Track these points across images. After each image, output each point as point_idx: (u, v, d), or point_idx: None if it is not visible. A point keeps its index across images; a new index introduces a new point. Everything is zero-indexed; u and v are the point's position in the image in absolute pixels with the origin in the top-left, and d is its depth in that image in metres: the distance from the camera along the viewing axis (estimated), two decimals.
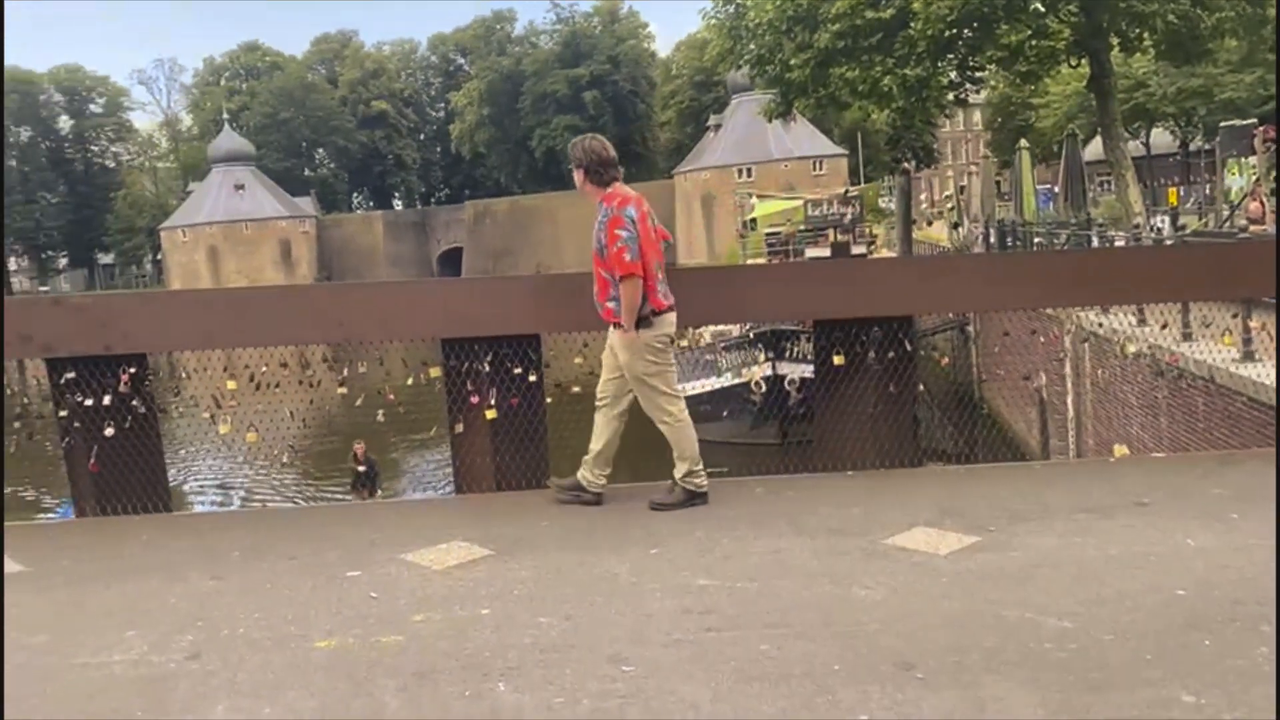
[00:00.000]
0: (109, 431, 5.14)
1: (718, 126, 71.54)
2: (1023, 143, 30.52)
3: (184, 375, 5.35)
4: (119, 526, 5.08)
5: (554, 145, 78.63)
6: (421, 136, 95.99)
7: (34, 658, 3.33)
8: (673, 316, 4.94)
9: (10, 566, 4.38)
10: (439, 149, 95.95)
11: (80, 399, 5.12)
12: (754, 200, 38.38)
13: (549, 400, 5.44)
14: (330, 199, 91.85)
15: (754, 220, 34.19)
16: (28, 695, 3.03)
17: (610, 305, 4.83)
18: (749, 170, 66.46)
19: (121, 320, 5.16)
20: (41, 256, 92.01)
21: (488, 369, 5.26)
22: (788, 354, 18.64)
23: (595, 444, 5.00)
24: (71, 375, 5.13)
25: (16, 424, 5.48)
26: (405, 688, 2.97)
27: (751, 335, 19.52)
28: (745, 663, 3.02)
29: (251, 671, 3.15)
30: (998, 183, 41.71)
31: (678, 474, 4.92)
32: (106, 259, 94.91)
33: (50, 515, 14.98)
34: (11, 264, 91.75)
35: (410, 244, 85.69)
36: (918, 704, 2.73)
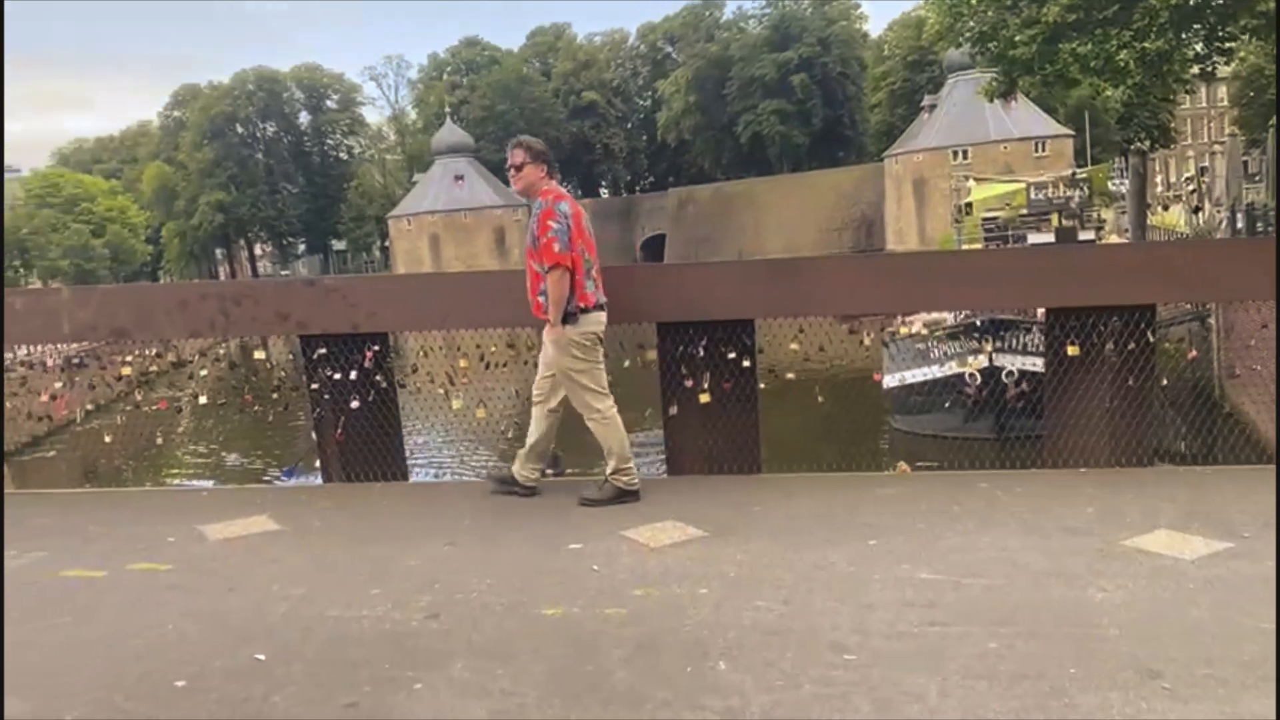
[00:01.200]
0: (354, 404, 5.55)
1: (932, 107, 68.96)
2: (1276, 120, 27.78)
3: (422, 353, 5.71)
4: (361, 492, 5.48)
5: (760, 130, 78.14)
6: (628, 125, 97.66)
7: (295, 608, 3.65)
8: (601, 315, 4.93)
9: (268, 524, 4.81)
10: (645, 137, 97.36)
11: (330, 373, 5.55)
12: (970, 184, 36.75)
13: (761, 386, 5.44)
14: None
15: (969, 205, 32.77)
16: (291, 642, 3.32)
17: (540, 299, 4.84)
18: (965, 152, 63.67)
19: (367, 301, 5.54)
20: (283, 243, 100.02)
21: (702, 353, 5.32)
22: (1007, 345, 17.78)
23: (529, 439, 5.03)
24: (322, 351, 5.57)
25: (274, 394, 6.00)
26: (629, 659, 3.06)
27: (970, 324, 18.74)
28: (973, 660, 2.93)
29: (486, 633, 3.33)
30: (1245, 163, 38.20)
31: (608, 470, 4.90)
32: (339, 245, 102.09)
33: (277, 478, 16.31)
34: (257, 250, 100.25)
35: (615, 231, 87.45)
36: (1165, 715, 2.57)
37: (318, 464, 5.98)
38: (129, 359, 6.07)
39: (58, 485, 8.05)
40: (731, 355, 5.28)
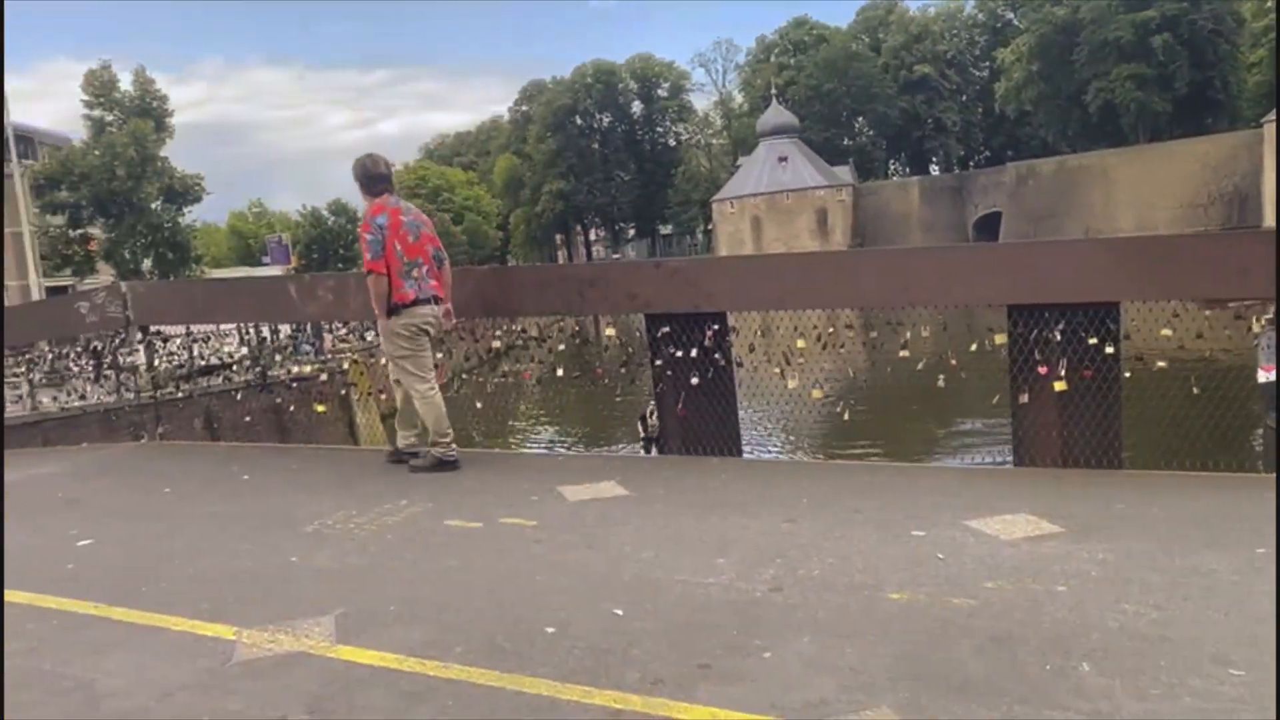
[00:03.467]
0: (694, 380, 5.76)
1: None
2: None
3: (759, 333, 5.82)
4: (700, 465, 5.69)
5: (1112, 98, 71.63)
6: (963, 98, 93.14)
7: (646, 569, 3.87)
8: (424, 309, 5.80)
9: (617, 490, 5.12)
10: (980, 110, 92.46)
11: (672, 351, 5.79)
12: None
13: (1126, 375, 5.03)
14: (866, 167, 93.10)
15: None
16: (645, 600, 3.52)
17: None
18: None
19: (708, 282, 5.73)
20: (615, 228, 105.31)
21: (1059, 338, 5.01)
22: None
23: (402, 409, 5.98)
24: (666, 330, 5.82)
25: (623, 369, 6.37)
26: (982, 650, 2.97)
27: None
28: None
29: (830, 611, 3.35)
30: None
31: (429, 442, 5.86)
32: (665, 230, 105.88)
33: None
34: (591, 235, 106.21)
35: (945, 209, 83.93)
36: None
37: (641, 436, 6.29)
38: (498, 333, 6.68)
39: None
40: (1093, 341, 4.92)
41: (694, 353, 5.74)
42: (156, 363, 8.06)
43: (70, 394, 9.66)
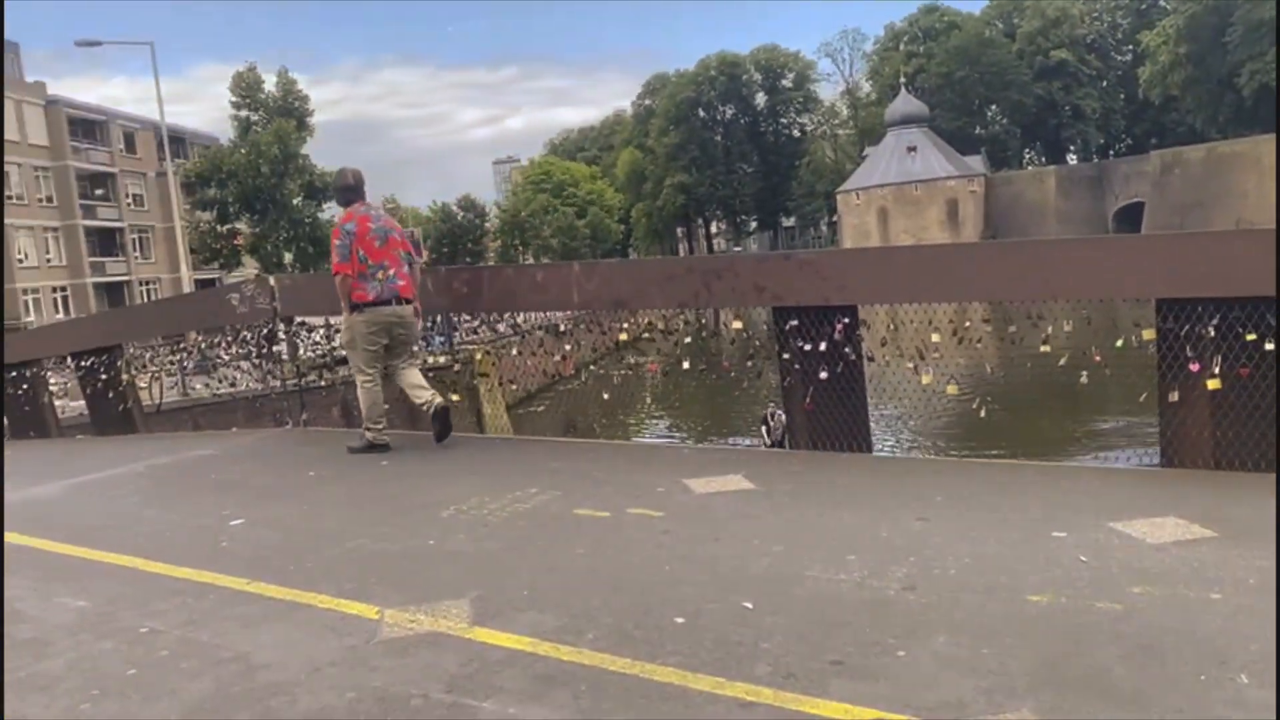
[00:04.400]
0: (823, 375, 5.69)
1: None
2: None
3: (891, 326, 5.71)
4: (828, 461, 5.63)
5: (1268, 81, 67.49)
6: (1103, 84, 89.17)
7: (775, 563, 3.85)
8: (385, 309, 6.53)
9: (743, 483, 5.10)
10: (1122, 96, 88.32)
11: (801, 344, 5.74)
12: None
13: None
14: (999, 156, 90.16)
15: None
16: (774, 595, 3.51)
17: None
18: None
19: (839, 274, 5.65)
20: (736, 220, 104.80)
21: (1212, 333, 4.75)
22: None
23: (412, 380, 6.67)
24: (794, 323, 5.77)
25: (750, 362, 6.35)
26: (1130, 657, 2.85)
27: None
28: None
29: (967, 611, 3.27)
30: None
31: (363, 429, 6.70)
32: (788, 222, 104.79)
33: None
34: (712, 227, 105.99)
35: (1083, 200, 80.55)
36: None
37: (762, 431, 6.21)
38: (625, 325, 6.74)
39: (545, 436, 9.14)
40: (1250, 337, 4.66)
41: (823, 346, 5.67)
42: (301, 352, 8.43)
43: (221, 381, 10.19)
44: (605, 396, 6.91)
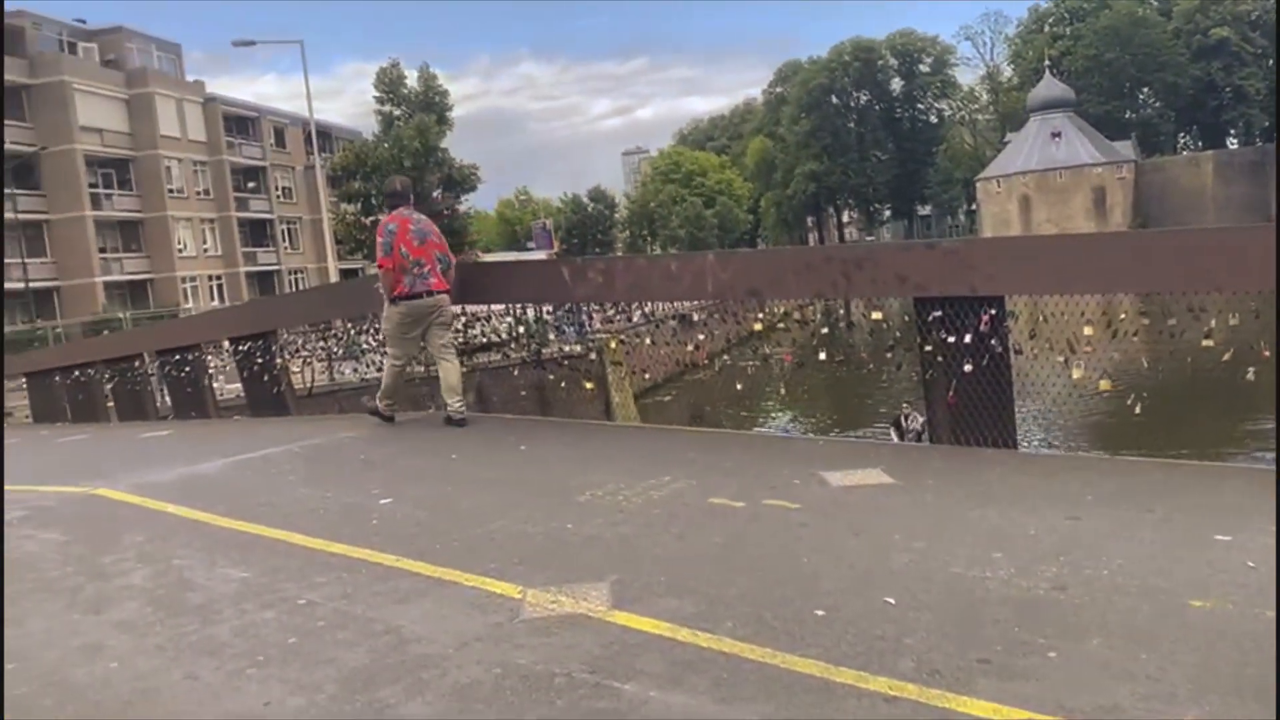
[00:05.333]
0: (967, 368, 5.53)
1: None
2: None
3: (1041, 319, 5.50)
4: (971, 456, 5.48)
5: None
6: (1269, 63, 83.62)
7: (917, 559, 3.77)
8: (414, 301, 7.36)
9: (882, 477, 5.01)
10: None
11: (944, 336, 5.59)
12: None
13: None
14: (1151, 141, 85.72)
15: None
16: (917, 591, 3.44)
17: None
18: None
19: (986, 264, 5.48)
20: (869, 209, 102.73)
21: None
22: None
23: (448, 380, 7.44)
24: (937, 314, 5.62)
25: (888, 354, 6.22)
26: None
27: None
28: None
29: (1121, 614, 3.14)
30: None
31: (378, 398, 7.82)
32: (923, 210, 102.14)
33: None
34: (844, 216, 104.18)
35: (1244, 187, 75.77)
36: None
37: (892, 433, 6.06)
38: (759, 315, 6.71)
39: (670, 425, 9.18)
40: None
41: (967, 338, 5.51)
42: None
43: (368, 366, 10.59)
44: (739, 387, 6.89)
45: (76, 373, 14.09)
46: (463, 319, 8.45)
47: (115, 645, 3.55)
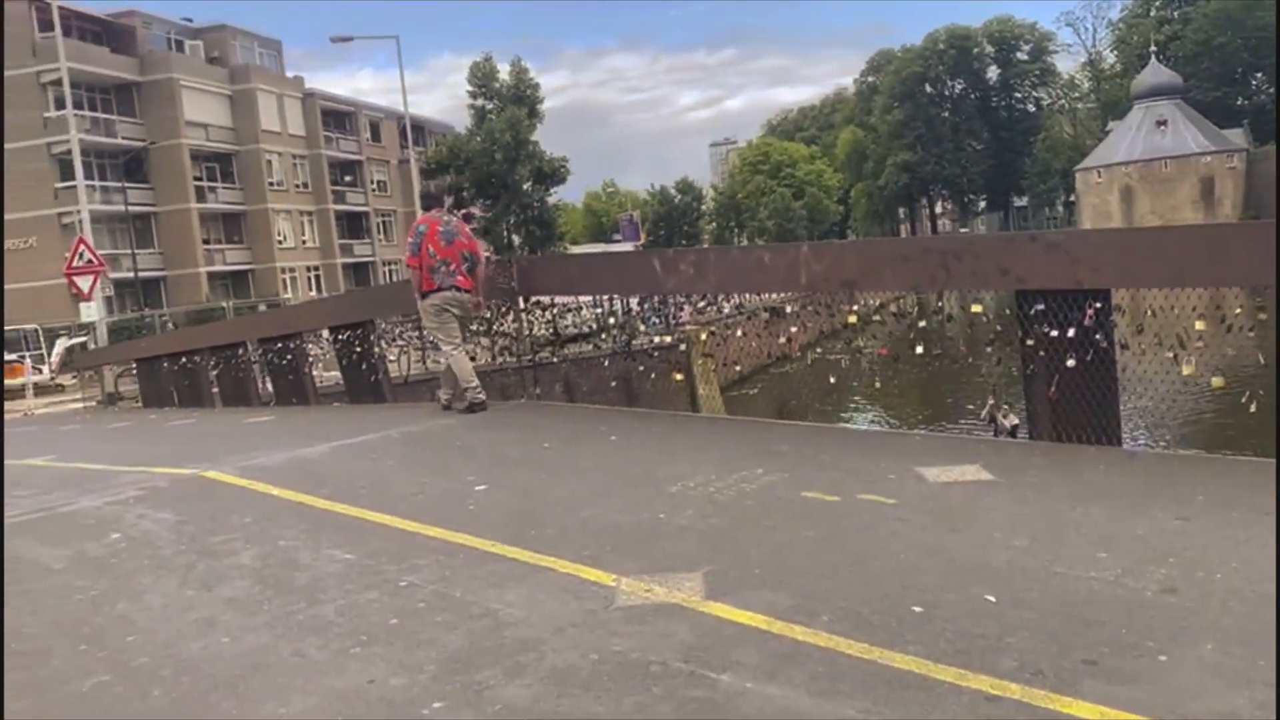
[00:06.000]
0: (1070, 363, 5.38)
1: None
2: None
3: (1149, 313, 5.32)
4: (1074, 453, 5.33)
5: None
6: None
7: (1018, 557, 3.69)
8: (442, 294, 7.91)
9: (981, 474, 4.91)
10: None
11: (1047, 330, 5.44)
12: None
13: None
14: (1266, 129, 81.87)
15: None
16: (1019, 589, 3.36)
17: None
18: None
19: (1092, 256, 5.31)
20: (963, 200, 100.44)
21: None
22: None
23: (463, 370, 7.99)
24: (1040, 307, 5.48)
25: (988, 349, 6.08)
26: None
27: None
28: None
29: (1237, 619, 3.03)
30: None
31: (462, 389, 8.02)
32: (1020, 202, 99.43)
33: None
34: (938, 208, 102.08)
35: None
36: None
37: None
38: (854, 307, 6.63)
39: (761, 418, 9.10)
40: None
41: (1071, 332, 5.35)
42: (535, 330, 8.81)
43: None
44: (832, 380, 6.82)
45: (184, 359, 14.67)
46: (554, 309, 8.54)
47: (227, 621, 3.69)
